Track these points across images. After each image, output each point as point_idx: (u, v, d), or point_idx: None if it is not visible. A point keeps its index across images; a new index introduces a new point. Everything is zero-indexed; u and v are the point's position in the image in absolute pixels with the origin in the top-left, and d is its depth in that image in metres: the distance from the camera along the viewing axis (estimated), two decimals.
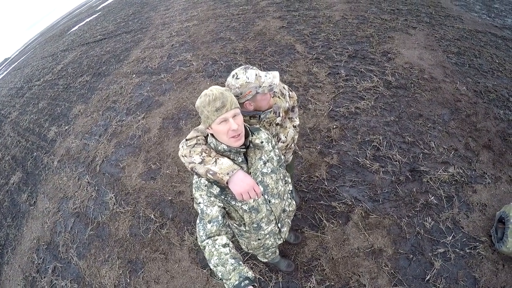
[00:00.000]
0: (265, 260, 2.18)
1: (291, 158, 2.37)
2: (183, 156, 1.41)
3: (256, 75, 1.50)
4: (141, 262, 3.28)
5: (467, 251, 2.53)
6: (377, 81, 4.33)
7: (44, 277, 3.76)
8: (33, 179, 5.68)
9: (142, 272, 3.19)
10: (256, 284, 1.15)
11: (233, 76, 1.51)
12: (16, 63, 27.20)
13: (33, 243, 4.32)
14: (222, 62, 6.00)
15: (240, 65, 5.45)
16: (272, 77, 1.52)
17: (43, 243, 4.19)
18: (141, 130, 5.07)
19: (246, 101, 1.54)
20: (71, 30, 20.61)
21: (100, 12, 21.38)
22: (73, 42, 15.39)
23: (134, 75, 7.11)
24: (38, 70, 14.27)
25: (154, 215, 3.65)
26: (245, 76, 1.49)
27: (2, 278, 4.24)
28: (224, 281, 1.15)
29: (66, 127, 6.57)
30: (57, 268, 3.75)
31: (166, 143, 4.58)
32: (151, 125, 5.09)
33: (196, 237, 1.32)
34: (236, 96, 1.49)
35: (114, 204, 4.04)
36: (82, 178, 4.83)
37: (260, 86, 1.50)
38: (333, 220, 2.95)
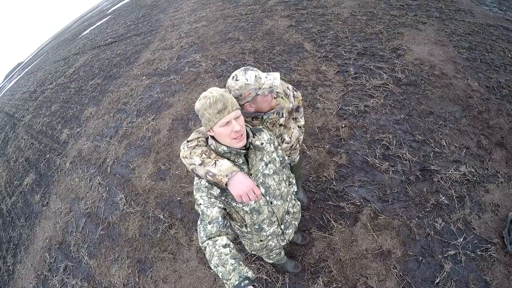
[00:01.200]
0: (270, 261, 2.17)
1: (297, 158, 2.35)
2: (184, 158, 1.41)
3: (255, 76, 1.47)
4: (150, 261, 3.32)
5: (479, 253, 2.46)
6: (387, 78, 4.26)
7: (56, 275, 3.84)
8: (46, 180, 5.80)
9: (151, 271, 3.23)
10: (256, 284, 1.14)
11: (232, 78, 1.49)
12: (29, 67, 27.89)
13: (45, 243, 4.42)
14: (231, 62, 6.00)
15: (248, 65, 5.45)
16: (273, 79, 1.48)
17: (55, 243, 4.29)
18: (151, 132, 5.12)
19: (246, 102, 1.53)
20: (83, 34, 20.98)
21: (110, 16, 21.69)
22: (84, 45, 15.67)
23: (144, 77, 7.19)
24: (50, 73, 14.58)
25: (163, 216, 3.68)
26: (244, 77, 1.47)
27: (15, 276, 4.36)
28: (224, 281, 1.15)
29: (78, 129, 6.69)
30: (68, 267, 3.83)
31: (176, 144, 4.61)
32: (160, 126, 5.14)
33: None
34: (236, 98, 1.47)
35: (124, 204, 4.10)
36: (93, 179, 4.91)
37: (260, 88, 1.47)
38: (341, 221, 2.92)
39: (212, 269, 1.22)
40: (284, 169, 1.65)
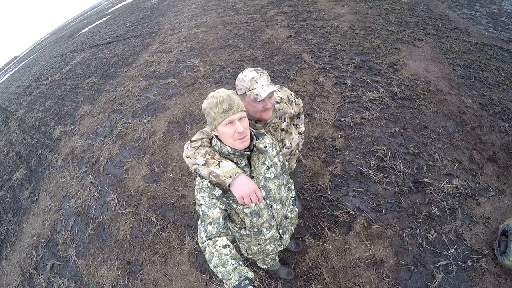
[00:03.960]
0: (264, 267, 2.17)
1: (295, 165, 2.37)
2: (187, 158, 1.42)
3: (253, 78, 1.51)
4: (140, 264, 3.28)
5: (470, 264, 2.50)
6: (383, 92, 4.34)
7: (42, 274, 3.76)
8: (36, 176, 5.72)
9: (141, 274, 3.18)
10: (256, 285, 1.14)
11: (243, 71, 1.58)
12: (25, 61, 27.58)
13: (33, 240, 4.34)
14: (229, 69, 6.04)
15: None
16: (263, 91, 1.49)
17: (43, 240, 4.20)
18: (146, 133, 5.10)
19: (239, 95, 1.59)
20: (81, 32, 20.89)
21: (110, 16, 21.68)
22: (82, 43, 15.60)
23: (141, 79, 7.18)
24: (46, 69, 14.46)
25: (155, 218, 3.65)
26: (245, 74, 1.55)
27: None
28: (224, 281, 1.15)
29: (72, 127, 6.63)
30: (55, 266, 3.76)
31: (171, 147, 4.60)
32: (156, 129, 5.12)
33: (197, 240, 1.32)
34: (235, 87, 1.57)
35: (116, 205, 4.05)
36: (85, 177, 4.85)
37: (249, 90, 1.52)
38: (335, 229, 2.94)
39: (212, 269, 1.22)
40: (284, 174, 1.66)
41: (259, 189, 1.47)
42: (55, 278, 3.62)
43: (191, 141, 1.47)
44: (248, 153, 1.38)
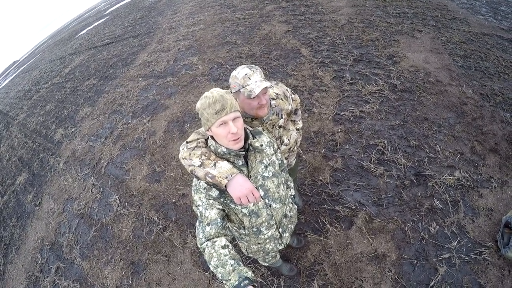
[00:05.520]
0: (265, 264, 2.17)
1: (294, 161, 2.36)
2: (183, 159, 1.41)
3: (246, 75, 1.50)
4: (144, 264, 3.29)
5: (473, 256, 2.48)
6: (383, 84, 4.31)
7: (47, 276, 3.78)
8: (39, 180, 5.74)
9: (144, 273, 3.20)
10: (256, 284, 1.14)
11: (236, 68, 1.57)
12: (24, 65, 27.68)
13: (37, 243, 4.36)
14: (227, 66, 6.02)
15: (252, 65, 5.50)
16: (256, 87, 1.47)
17: (47, 243, 4.23)
18: (146, 133, 5.10)
19: (233, 93, 1.57)
20: (79, 34, 20.91)
21: (108, 17, 21.66)
22: (81, 45, 15.61)
23: (140, 79, 7.17)
24: (46, 73, 14.49)
25: (157, 217, 3.65)
26: (238, 71, 1.53)
27: (5, 277, 4.29)
28: (224, 282, 1.15)
29: (73, 129, 6.64)
30: (60, 268, 3.78)
31: (171, 146, 4.60)
32: (156, 128, 5.12)
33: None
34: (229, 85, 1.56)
35: (118, 206, 4.06)
36: (87, 179, 4.87)
37: (243, 87, 1.50)
38: (336, 224, 2.93)
39: (211, 270, 1.22)
40: (282, 172, 1.64)
41: (257, 188, 1.46)
42: (60, 280, 3.64)
43: (187, 142, 1.46)
44: (244, 152, 1.37)
